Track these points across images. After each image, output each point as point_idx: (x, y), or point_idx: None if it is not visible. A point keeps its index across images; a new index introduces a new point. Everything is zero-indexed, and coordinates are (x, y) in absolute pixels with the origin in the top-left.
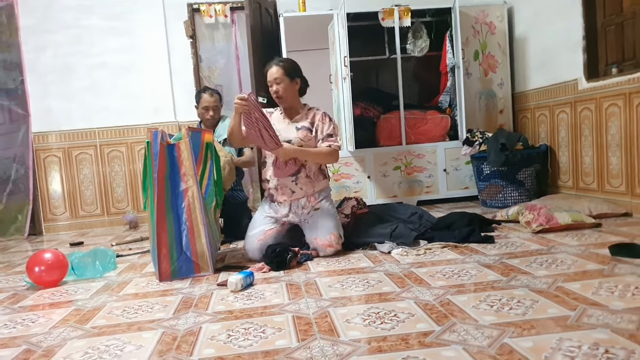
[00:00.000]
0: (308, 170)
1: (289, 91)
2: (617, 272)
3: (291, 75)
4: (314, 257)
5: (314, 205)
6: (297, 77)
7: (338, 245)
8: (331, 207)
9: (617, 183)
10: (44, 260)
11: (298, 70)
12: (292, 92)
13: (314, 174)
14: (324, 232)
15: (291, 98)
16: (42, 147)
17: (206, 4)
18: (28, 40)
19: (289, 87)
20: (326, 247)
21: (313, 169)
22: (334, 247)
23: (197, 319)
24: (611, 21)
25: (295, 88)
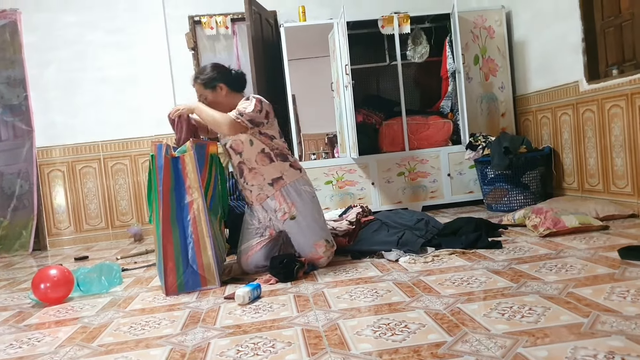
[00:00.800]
0: (248, 163)
1: (216, 102)
2: (628, 276)
3: (211, 85)
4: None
5: (288, 211)
6: (219, 82)
7: (329, 252)
8: (311, 209)
9: (623, 184)
10: (49, 277)
11: (218, 75)
12: (220, 100)
13: (255, 161)
14: (309, 246)
15: (222, 106)
16: (46, 162)
17: (207, 16)
18: (31, 56)
19: (215, 98)
20: (315, 260)
21: (252, 157)
22: (324, 258)
23: (206, 334)
24: (610, 23)
25: (222, 94)
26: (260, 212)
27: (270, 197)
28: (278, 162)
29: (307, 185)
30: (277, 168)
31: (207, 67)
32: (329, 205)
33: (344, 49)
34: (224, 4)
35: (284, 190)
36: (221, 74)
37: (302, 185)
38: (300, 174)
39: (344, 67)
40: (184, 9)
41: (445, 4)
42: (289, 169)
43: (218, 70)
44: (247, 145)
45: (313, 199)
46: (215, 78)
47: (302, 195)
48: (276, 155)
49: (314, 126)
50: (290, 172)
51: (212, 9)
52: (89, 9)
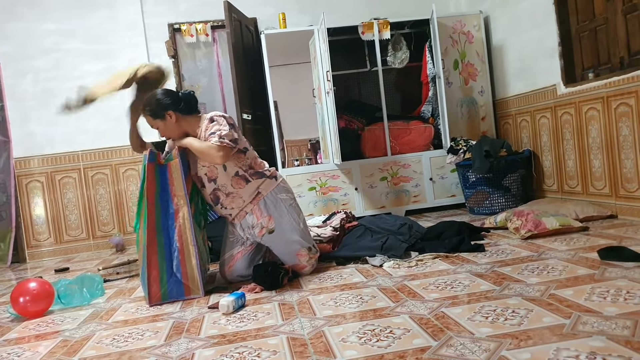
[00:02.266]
0: (224, 189)
1: (169, 130)
2: (607, 277)
3: (159, 114)
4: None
5: (265, 225)
6: (166, 110)
7: (312, 260)
8: (289, 219)
9: (601, 185)
10: (28, 290)
11: (164, 103)
12: (174, 127)
13: (231, 185)
14: (291, 257)
15: (175, 132)
16: (24, 173)
17: (187, 24)
18: (7, 66)
19: (167, 126)
20: (300, 270)
21: (228, 182)
22: (308, 267)
23: (190, 345)
24: (585, 27)
25: (172, 122)
26: (237, 229)
27: (248, 213)
28: (254, 180)
29: (285, 192)
30: (254, 186)
31: (153, 95)
32: (312, 211)
33: (325, 55)
34: (203, 11)
35: (261, 204)
36: (168, 100)
37: (279, 193)
38: (276, 182)
39: (325, 73)
40: (164, 16)
41: (424, 9)
42: (264, 181)
43: (164, 96)
44: (221, 171)
45: (291, 207)
46: (162, 106)
47: (279, 206)
48: (251, 175)
49: (297, 132)
50: (266, 184)
51: (192, 17)
52: (67, 18)
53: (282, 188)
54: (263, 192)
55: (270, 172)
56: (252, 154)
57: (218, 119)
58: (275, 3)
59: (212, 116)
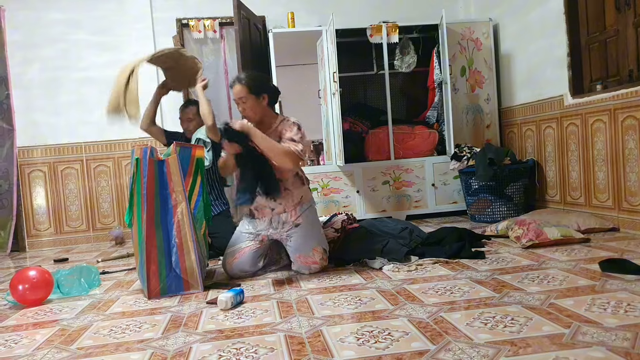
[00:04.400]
0: (284, 182)
1: (255, 109)
2: (608, 288)
3: (257, 92)
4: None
5: (294, 221)
6: (264, 92)
7: (323, 261)
8: (314, 220)
9: (604, 197)
10: (28, 278)
11: (264, 84)
12: (260, 109)
13: (291, 183)
14: (307, 249)
15: (259, 115)
16: (26, 162)
17: (195, 19)
18: (15, 54)
19: (255, 105)
20: (311, 264)
21: (290, 180)
22: (319, 264)
23: (187, 339)
24: (594, 38)
25: (262, 104)
26: (261, 224)
27: (287, 213)
28: (306, 184)
29: (312, 202)
30: (304, 189)
31: (253, 72)
32: None
33: (332, 56)
34: (212, 7)
35: (299, 207)
36: (267, 84)
37: (310, 201)
38: (311, 193)
39: (331, 74)
40: (172, 11)
41: (433, 15)
42: (306, 188)
43: (265, 79)
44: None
45: (315, 210)
46: (265, 86)
47: (313, 213)
48: (304, 178)
49: None
50: (307, 192)
51: (200, 13)
52: (75, 9)
53: (313, 200)
54: (304, 199)
55: (308, 181)
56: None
57: (302, 132)
58: (285, 2)
59: (299, 124)
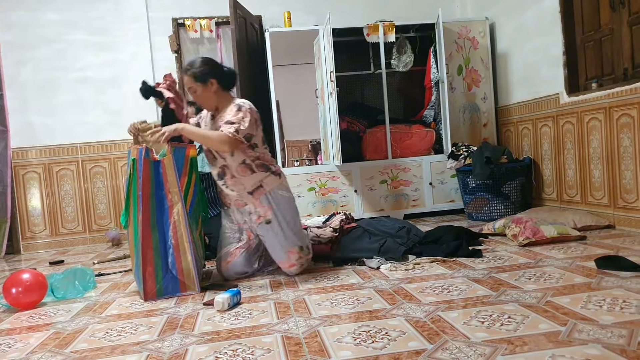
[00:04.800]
0: (230, 169)
1: (206, 97)
2: (604, 286)
3: (202, 79)
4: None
5: (263, 214)
6: (211, 77)
7: (302, 260)
8: (286, 215)
9: (600, 195)
10: (21, 281)
11: (211, 70)
12: (211, 96)
13: (236, 170)
14: (281, 252)
15: (210, 101)
16: (21, 163)
17: (191, 19)
18: (8, 54)
19: (204, 92)
20: (287, 268)
21: (234, 166)
22: (296, 266)
23: (183, 341)
24: (590, 37)
25: (211, 90)
26: (236, 213)
27: (248, 204)
28: (259, 172)
29: (286, 190)
30: (258, 177)
31: (198, 60)
32: (311, 212)
33: (329, 56)
34: (208, 7)
35: (262, 198)
36: (214, 69)
37: (280, 190)
38: (279, 180)
39: (328, 74)
40: (168, 11)
41: (430, 14)
42: (269, 176)
43: (211, 64)
44: (229, 155)
45: (290, 204)
46: (208, 72)
47: (279, 201)
48: (257, 166)
49: (298, 133)
50: (270, 179)
51: (196, 12)
52: (70, 9)
53: (283, 186)
54: (266, 187)
55: (276, 168)
56: (261, 151)
57: (245, 111)
58: (281, 2)
59: (241, 105)
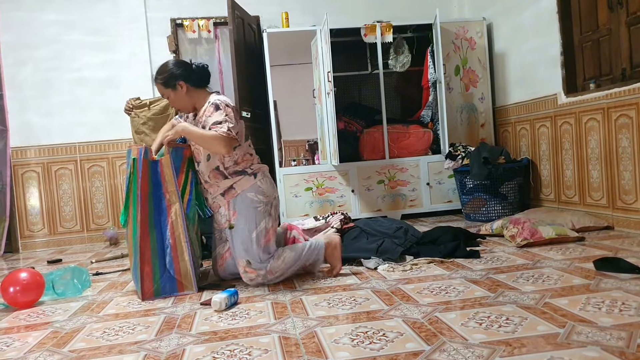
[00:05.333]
0: (202, 175)
1: (180, 100)
2: (603, 287)
3: (170, 84)
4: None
5: (229, 218)
6: (178, 80)
7: (249, 275)
8: (246, 224)
9: (599, 196)
10: (19, 280)
11: (177, 72)
12: (182, 98)
13: (208, 177)
14: (235, 258)
15: (185, 103)
16: (20, 163)
17: (189, 19)
18: (8, 54)
19: (177, 96)
20: (241, 276)
21: (206, 173)
22: (244, 278)
23: (181, 340)
24: (588, 37)
25: (182, 92)
26: (216, 215)
27: (221, 206)
28: (231, 178)
29: (258, 193)
30: (230, 182)
31: (166, 64)
32: (308, 211)
33: (327, 56)
34: (206, 7)
35: (231, 201)
36: (181, 71)
37: (250, 192)
38: (253, 180)
39: (326, 74)
40: (167, 11)
41: (427, 14)
42: (242, 178)
43: (177, 66)
44: (204, 159)
45: (256, 210)
46: (174, 75)
47: (246, 205)
48: (230, 173)
49: (295, 132)
50: (243, 181)
51: (194, 13)
52: (69, 9)
53: (256, 188)
54: (238, 189)
55: (252, 170)
56: (243, 150)
57: (224, 108)
58: (279, 2)
59: (217, 103)
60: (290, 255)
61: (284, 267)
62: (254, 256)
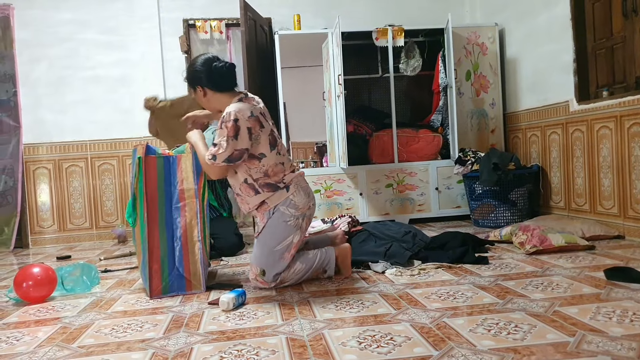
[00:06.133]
0: (234, 187)
1: (202, 103)
2: (613, 297)
3: (192, 85)
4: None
5: (259, 229)
6: (197, 84)
7: (256, 282)
8: (271, 236)
9: (610, 205)
10: (32, 275)
11: (196, 75)
12: (204, 102)
13: (239, 189)
14: (251, 263)
15: (209, 107)
16: (32, 159)
17: (202, 20)
18: (23, 52)
19: (199, 99)
20: (250, 279)
21: (236, 186)
22: (253, 283)
23: (189, 339)
24: (601, 45)
25: (201, 96)
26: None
27: (257, 217)
28: (264, 192)
29: (292, 207)
30: (262, 197)
31: (195, 61)
32: (316, 214)
33: (338, 59)
34: (219, 8)
35: (265, 213)
36: (201, 74)
37: (284, 206)
38: (286, 194)
39: (336, 77)
40: (179, 11)
41: (439, 19)
42: (275, 193)
43: (201, 66)
44: (231, 173)
45: (285, 223)
46: (194, 77)
47: (276, 218)
48: (261, 186)
49: (304, 135)
50: (275, 196)
51: (207, 14)
52: (84, 8)
53: (289, 202)
54: (270, 204)
55: (285, 183)
56: (272, 160)
57: (225, 125)
58: (291, 4)
59: (224, 119)
60: (301, 267)
61: (295, 277)
62: (270, 269)
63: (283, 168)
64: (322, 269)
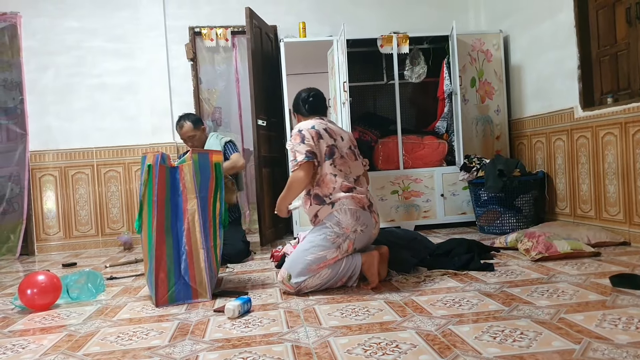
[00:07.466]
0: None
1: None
2: (619, 304)
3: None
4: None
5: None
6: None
7: (284, 285)
8: (307, 244)
9: (615, 211)
10: (37, 282)
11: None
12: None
13: (303, 200)
14: (284, 265)
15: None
16: (38, 166)
17: (207, 28)
18: (30, 60)
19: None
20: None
21: (302, 194)
22: (279, 285)
23: (194, 347)
24: (606, 51)
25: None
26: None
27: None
28: (314, 204)
29: (335, 224)
30: (314, 210)
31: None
32: None
33: (343, 66)
34: (224, 16)
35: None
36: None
37: (329, 221)
38: (331, 210)
39: (342, 84)
40: (185, 19)
41: (444, 26)
42: (322, 207)
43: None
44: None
45: (325, 237)
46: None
47: (319, 228)
48: (312, 196)
49: None
50: (322, 210)
51: (213, 21)
52: (91, 16)
53: (332, 217)
54: (320, 216)
55: (331, 199)
56: (325, 169)
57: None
58: (296, 12)
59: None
60: (327, 272)
61: (320, 283)
62: (297, 275)
63: (334, 180)
64: (349, 274)
